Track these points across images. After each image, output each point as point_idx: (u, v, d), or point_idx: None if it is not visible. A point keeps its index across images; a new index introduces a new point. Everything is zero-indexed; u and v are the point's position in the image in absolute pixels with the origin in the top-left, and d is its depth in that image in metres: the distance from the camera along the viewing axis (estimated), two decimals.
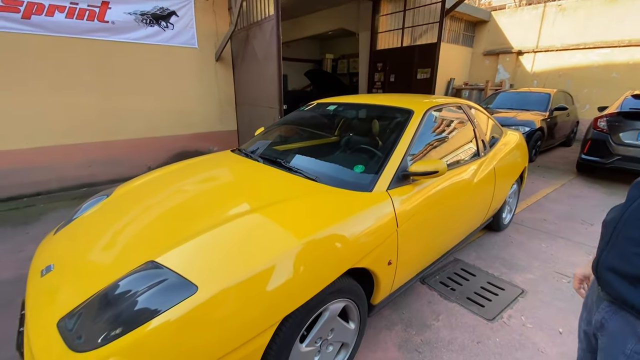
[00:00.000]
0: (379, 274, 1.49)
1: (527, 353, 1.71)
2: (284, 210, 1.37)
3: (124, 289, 1.06)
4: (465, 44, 9.85)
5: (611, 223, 0.78)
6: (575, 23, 8.22)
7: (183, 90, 4.91)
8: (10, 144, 3.74)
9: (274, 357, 1.15)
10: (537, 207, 3.83)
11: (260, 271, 1.08)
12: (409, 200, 1.63)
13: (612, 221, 0.78)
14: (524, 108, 6.53)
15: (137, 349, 0.91)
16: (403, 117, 1.96)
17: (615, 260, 0.74)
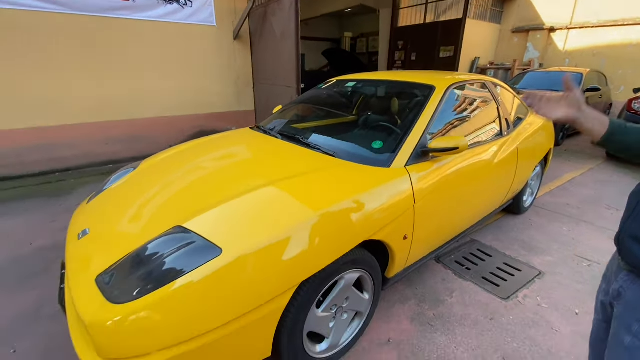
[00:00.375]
0: (394, 248, 1.51)
1: (540, 331, 1.72)
2: (303, 183, 1.40)
3: (154, 250, 1.13)
4: (493, 20, 9.31)
5: (637, 194, 0.76)
6: None
7: (201, 70, 4.94)
8: (42, 121, 3.93)
9: (291, 319, 1.21)
10: (560, 191, 3.72)
11: (280, 238, 1.13)
12: (427, 177, 1.63)
13: (638, 192, 0.77)
14: (553, 89, 6.21)
15: (166, 304, 0.99)
16: (424, 93, 1.92)
17: (638, 229, 0.73)
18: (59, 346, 1.58)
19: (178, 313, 1.00)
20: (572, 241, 2.64)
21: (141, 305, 0.99)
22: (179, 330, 1.00)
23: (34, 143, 3.94)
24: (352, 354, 1.57)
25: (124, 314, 0.99)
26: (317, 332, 1.37)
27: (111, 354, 0.99)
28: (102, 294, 1.07)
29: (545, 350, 1.61)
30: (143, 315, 0.98)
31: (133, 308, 0.99)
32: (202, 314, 1.01)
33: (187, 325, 1.00)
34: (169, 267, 1.06)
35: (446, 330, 1.72)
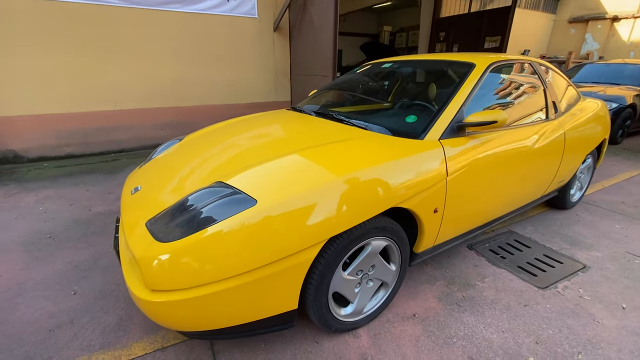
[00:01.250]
0: (424, 220, 1.50)
1: (580, 321, 1.62)
2: (335, 149, 1.44)
3: (196, 200, 1.24)
4: (547, 9, 8.66)
5: None
6: None
7: (241, 60, 5.16)
8: (102, 106, 4.35)
9: (318, 275, 1.26)
10: (615, 189, 3.40)
11: (311, 194, 1.18)
12: (462, 152, 1.60)
13: None
14: (614, 82, 5.67)
15: (204, 245, 1.09)
16: (463, 70, 1.87)
17: None
18: (111, 290, 1.78)
19: (215, 254, 1.09)
20: (625, 238, 2.42)
21: (184, 244, 1.10)
22: (215, 269, 1.09)
23: (96, 125, 4.38)
24: (376, 324, 1.59)
25: (168, 251, 1.10)
26: (342, 293, 1.41)
27: (156, 285, 1.11)
28: (150, 235, 1.19)
29: (584, 339, 1.51)
30: (184, 253, 1.09)
31: (176, 246, 1.10)
32: (236, 257, 1.10)
33: (223, 265, 1.09)
34: (209, 213, 1.16)
35: (475, 312, 1.68)
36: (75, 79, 4.09)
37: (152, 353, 1.40)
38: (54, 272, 1.94)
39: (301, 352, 1.42)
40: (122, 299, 1.72)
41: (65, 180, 3.48)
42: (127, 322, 1.57)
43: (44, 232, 2.40)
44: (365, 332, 1.54)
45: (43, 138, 4.11)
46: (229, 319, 1.19)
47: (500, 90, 1.98)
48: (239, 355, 1.40)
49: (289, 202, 1.16)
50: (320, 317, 1.37)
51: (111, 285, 1.82)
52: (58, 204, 2.89)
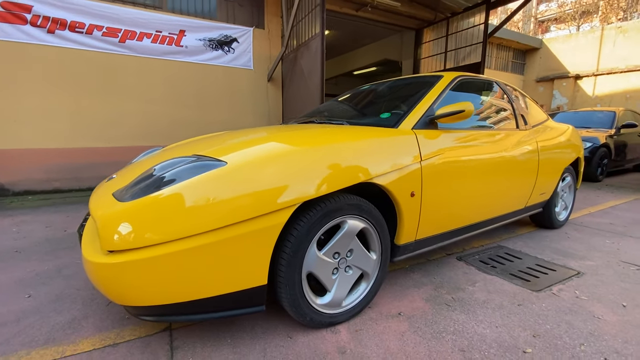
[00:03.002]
0: (401, 203, 1.48)
1: (579, 317, 1.49)
2: (311, 132, 1.49)
3: (163, 167, 1.24)
4: (515, 71, 9.65)
5: None
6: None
7: (238, 106, 5.50)
8: (96, 143, 4.47)
9: (291, 249, 1.19)
10: (602, 214, 3.41)
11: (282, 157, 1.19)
12: (435, 142, 1.65)
13: None
14: (585, 126, 6.07)
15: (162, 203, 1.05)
16: (432, 80, 2.03)
17: None
18: (69, 294, 1.63)
19: (175, 211, 1.05)
20: (617, 250, 2.36)
21: (142, 202, 1.07)
22: (173, 227, 1.04)
23: (88, 162, 4.44)
24: (357, 320, 1.44)
25: (126, 208, 1.07)
26: (318, 276, 1.31)
27: (111, 242, 1.04)
28: (115, 199, 1.16)
29: (586, 332, 1.38)
30: (142, 210, 1.05)
31: (135, 204, 1.07)
32: (198, 215, 1.05)
33: (183, 224, 1.04)
34: (174, 176, 1.14)
35: (465, 310, 1.54)
36: (73, 116, 4.28)
37: (102, 349, 1.23)
38: (11, 280, 1.78)
39: (272, 347, 1.26)
40: (79, 301, 1.57)
41: (46, 209, 3.40)
42: (81, 321, 1.41)
43: (11, 248, 2.27)
44: (345, 328, 1.39)
45: (32, 172, 4.12)
46: (187, 290, 1.09)
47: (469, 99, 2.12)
48: (201, 350, 1.24)
49: (258, 163, 1.16)
50: (292, 301, 1.25)
51: (71, 290, 1.67)
52: (33, 226, 2.78)
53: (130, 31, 4.46)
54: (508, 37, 8.80)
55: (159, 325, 1.38)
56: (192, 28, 4.90)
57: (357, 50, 9.76)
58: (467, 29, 6.47)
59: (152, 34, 4.62)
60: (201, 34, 4.99)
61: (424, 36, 7.33)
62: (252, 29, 5.40)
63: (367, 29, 7.52)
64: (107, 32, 4.31)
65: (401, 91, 2.14)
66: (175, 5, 4.87)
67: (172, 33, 4.76)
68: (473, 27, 6.31)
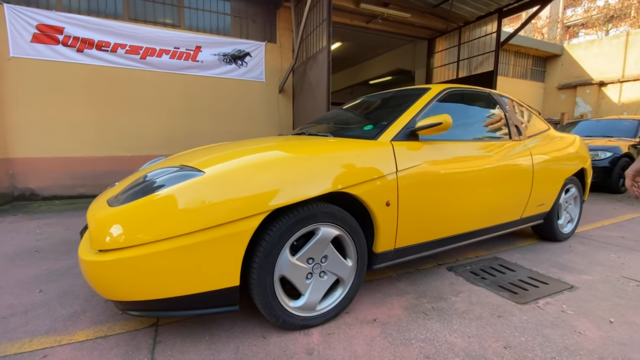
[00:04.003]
0: (376, 212, 1.54)
1: (558, 331, 1.47)
2: (290, 144, 1.58)
3: (152, 176, 1.37)
4: (535, 78, 9.38)
5: None
6: None
7: (250, 117, 5.72)
8: (117, 152, 4.80)
9: (263, 253, 1.28)
10: (615, 227, 3.26)
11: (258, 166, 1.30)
12: (415, 153, 1.70)
13: None
14: (608, 135, 5.81)
15: (146, 207, 1.18)
16: (420, 92, 2.08)
17: None
18: (75, 290, 1.79)
19: (157, 215, 1.17)
20: (621, 265, 2.27)
21: (129, 206, 1.20)
22: (156, 230, 1.16)
23: (110, 169, 4.76)
24: (332, 324, 1.50)
25: (115, 212, 1.20)
26: (291, 280, 1.39)
27: (101, 242, 1.17)
28: (107, 205, 1.30)
29: (561, 346, 1.36)
30: (128, 214, 1.18)
31: (122, 208, 1.20)
32: (178, 219, 1.17)
33: (165, 226, 1.16)
34: (159, 184, 1.27)
35: (442, 319, 1.56)
36: (97, 127, 4.63)
37: (94, 340, 1.36)
38: (27, 276, 1.98)
39: (245, 345, 1.34)
40: (82, 297, 1.73)
41: (70, 213, 3.69)
42: (80, 315, 1.55)
43: (32, 248, 2.50)
44: (317, 331, 1.45)
45: (59, 178, 4.48)
46: (166, 288, 1.20)
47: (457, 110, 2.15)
48: (180, 345, 1.34)
49: (233, 173, 1.27)
50: (265, 303, 1.33)
51: (77, 287, 1.84)
52: (55, 228, 3.04)
53: (151, 48, 4.80)
54: (526, 44, 8.60)
55: (147, 321, 1.50)
56: (208, 44, 5.19)
57: (371, 60, 9.87)
58: (479, 38, 6.42)
59: (171, 50, 4.95)
60: (216, 49, 5.27)
61: (437, 46, 7.32)
62: (265, 43, 5.64)
63: (380, 39, 7.62)
64: (129, 49, 4.67)
65: (390, 103, 2.20)
66: (192, 23, 5.19)
67: (189, 49, 5.07)
68: (485, 35, 6.26)
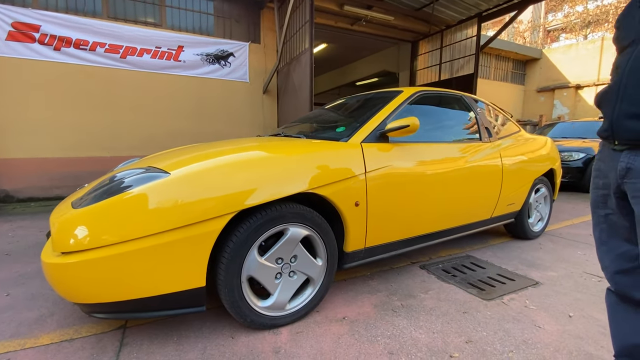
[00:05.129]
0: (345, 213, 1.57)
1: (519, 326, 1.54)
2: (259, 145, 1.60)
3: (117, 177, 1.37)
4: (515, 81, 9.64)
5: (615, 83, 0.88)
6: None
7: (234, 117, 5.70)
8: (97, 152, 4.71)
9: (229, 254, 1.30)
10: (584, 225, 3.39)
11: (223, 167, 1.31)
12: (384, 155, 1.74)
13: (615, 81, 0.88)
14: (583, 137, 6.02)
15: (109, 209, 1.18)
16: (392, 95, 2.13)
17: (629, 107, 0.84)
18: (42, 294, 1.77)
19: (120, 217, 1.17)
20: (585, 262, 2.37)
21: (92, 208, 1.19)
22: (119, 231, 1.16)
23: (89, 170, 4.67)
24: (301, 324, 1.52)
25: (78, 213, 1.19)
26: (259, 280, 1.41)
27: (64, 244, 1.17)
28: (70, 207, 1.29)
29: (520, 340, 1.42)
30: (91, 215, 1.18)
31: (85, 210, 1.20)
32: (142, 220, 1.17)
33: (127, 228, 1.16)
34: (123, 185, 1.27)
35: (409, 317, 1.60)
36: (76, 127, 4.54)
37: (59, 343, 1.35)
38: None
39: (213, 346, 1.35)
40: (50, 300, 1.70)
41: (45, 216, 3.60)
42: (47, 318, 1.53)
43: (3, 251, 2.44)
44: (286, 330, 1.47)
45: (35, 179, 4.37)
46: (132, 289, 1.20)
47: (430, 113, 2.21)
48: (147, 346, 1.34)
49: (197, 173, 1.28)
50: (232, 303, 1.35)
51: (46, 290, 1.81)
52: (28, 231, 2.97)
53: (131, 47, 4.73)
54: (507, 48, 8.84)
55: (114, 324, 1.49)
56: (190, 44, 5.15)
57: (357, 61, 9.96)
58: (460, 41, 6.56)
59: (152, 49, 4.88)
60: (199, 49, 5.23)
61: (420, 48, 7.45)
62: (248, 43, 5.63)
63: (365, 41, 7.69)
64: (109, 48, 4.59)
65: (365, 105, 2.24)
66: (174, 23, 5.14)
67: (170, 49, 5.02)
68: (466, 39, 6.41)
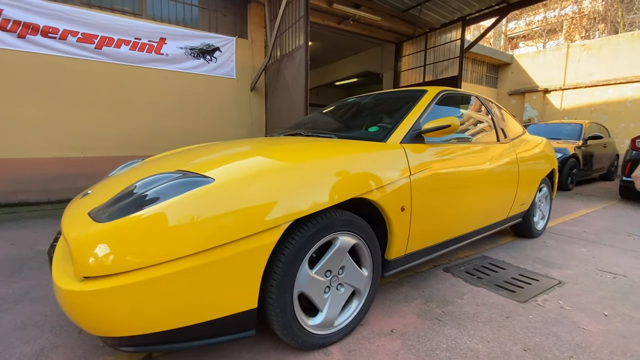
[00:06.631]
0: (392, 218, 1.47)
1: (565, 328, 1.52)
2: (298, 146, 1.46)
3: (145, 184, 1.16)
4: (489, 84, 10.10)
5: None
6: (602, 60, 8.27)
7: (221, 116, 5.40)
8: (68, 153, 4.23)
9: (282, 268, 1.15)
10: (575, 222, 3.56)
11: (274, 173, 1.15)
12: (422, 156, 1.66)
13: None
14: (555, 138, 6.39)
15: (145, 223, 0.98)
16: (417, 94, 2.06)
17: None
18: (37, 321, 1.49)
19: (158, 233, 0.98)
20: (593, 259, 2.45)
21: (123, 222, 0.99)
22: (158, 250, 0.97)
23: (59, 172, 4.18)
24: (350, 340, 1.40)
25: (104, 229, 0.99)
26: (309, 296, 1.27)
27: (88, 269, 0.95)
28: (91, 219, 1.07)
29: (573, 344, 1.40)
30: (123, 231, 0.98)
31: (114, 225, 0.99)
32: (184, 236, 0.99)
33: (167, 246, 0.98)
34: (157, 194, 1.07)
35: (457, 325, 1.54)
36: (44, 125, 4.04)
37: None
38: None
39: None
40: (47, 329, 1.44)
41: (12, 224, 3.16)
42: (50, 352, 1.29)
43: None
44: (337, 349, 1.34)
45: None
46: (172, 317, 1.01)
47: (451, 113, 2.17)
48: None
49: (246, 179, 1.12)
50: (284, 324, 1.20)
51: (38, 316, 1.54)
52: None
53: (108, 37, 4.31)
54: (482, 52, 9.23)
55: (137, 355, 1.28)
56: (173, 36, 4.80)
57: (339, 61, 9.91)
58: (444, 44, 6.72)
59: (131, 41, 4.48)
60: (182, 42, 4.89)
61: (404, 50, 7.54)
62: (235, 38, 5.36)
63: (349, 41, 7.66)
64: (82, 38, 4.14)
65: (387, 105, 2.16)
66: (156, 13, 4.76)
67: (152, 40, 4.64)
68: (450, 42, 6.57)
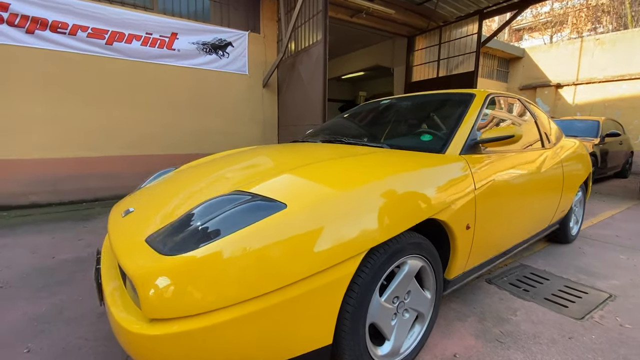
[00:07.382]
0: (458, 237, 1.38)
1: (633, 350, 1.45)
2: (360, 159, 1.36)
3: (210, 208, 1.06)
4: (500, 79, 9.94)
5: None
6: (617, 55, 8.11)
7: (232, 112, 5.27)
8: (80, 152, 4.11)
9: (356, 300, 1.06)
10: (604, 225, 3.49)
11: (349, 196, 1.05)
12: (484, 168, 1.56)
13: None
14: (571, 135, 6.29)
15: (223, 257, 0.89)
16: (465, 98, 1.94)
17: None
18: (77, 346, 1.41)
19: (237, 268, 0.89)
20: (635, 267, 2.38)
21: (196, 257, 0.89)
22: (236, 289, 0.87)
23: (71, 173, 4.07)
24: None
25: (177, 264, 0.89)
26: (379, 326, 1.18)
27: (159, 310, 0.86)
28: (154, 250, 0.97)
29: None
30: (199, 267, 0.88)
31: (188, 259, 0.89)
32: (264, 271, 0.90)
33: (247, 282, 0.88)
34: (228, 221, 0.97)
35: (520, 347, 1.46)
36: (54, 124, 3.91)
37: None
38: (2, 327, 1.53)
39: None
40: (90, 353, 1.35)
41: (27, 229, 3.06)
42: None
43: None
44: None
45: (7, 185, 3.72)
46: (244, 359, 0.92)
47: (501, 117, 2.06)
48: None
49: (323, 205, 1.01)
50: (356, 357, 1.11)
51: (78, 340, 1.45)
52: (16, 251, 2.47)
53: (118, 32, 4.15)
54: (493, 46, 9.04)
55: None
56: (185, 31, 4.63)
57: (348, 55, 9.71)
58: (459, 38, 6.55)
59: (142, 36, 4.32)
60: (194, 37, 4.73)
61: (417, 44, 7.37)
62: (248, 33, 5.19)
63: (359, 34, 7.47)
64: (92, 33, 3.98)
65: (431, 109, 2.05)
66: (167, 7, 4.59)
67: (163, 35, 4.48)
68: (466, 36, 6.40)
